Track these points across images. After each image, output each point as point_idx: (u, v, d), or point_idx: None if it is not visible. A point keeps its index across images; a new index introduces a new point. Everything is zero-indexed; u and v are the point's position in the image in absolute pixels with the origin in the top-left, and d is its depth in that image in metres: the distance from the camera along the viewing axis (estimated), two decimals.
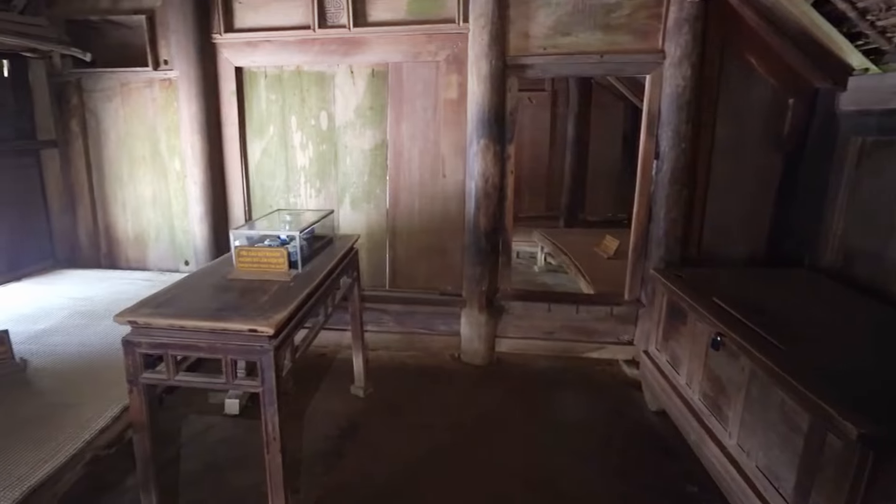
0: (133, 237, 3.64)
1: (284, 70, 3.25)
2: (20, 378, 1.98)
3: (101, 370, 2.01)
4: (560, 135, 6.34)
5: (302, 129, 3.31)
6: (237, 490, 2.07)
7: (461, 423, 2.61)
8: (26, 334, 2.26)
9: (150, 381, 1.66)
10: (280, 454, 1.61)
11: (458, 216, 3.19)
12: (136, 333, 1.63)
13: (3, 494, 1.35)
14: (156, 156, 3.51)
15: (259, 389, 1.60)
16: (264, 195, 3.43)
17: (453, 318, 3.27)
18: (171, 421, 2.42)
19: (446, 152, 3.18)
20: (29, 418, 1.72)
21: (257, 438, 1.62)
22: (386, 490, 2.13)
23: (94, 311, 2.63)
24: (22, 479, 1.41)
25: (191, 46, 3.14)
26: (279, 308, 1.67)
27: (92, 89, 3.51)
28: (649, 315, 2.92)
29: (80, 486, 1.54)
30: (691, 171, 2.89)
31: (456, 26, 2.95)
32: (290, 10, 3.10)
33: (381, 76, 3.16)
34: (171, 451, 2.23)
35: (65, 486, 1.48)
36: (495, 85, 2.93)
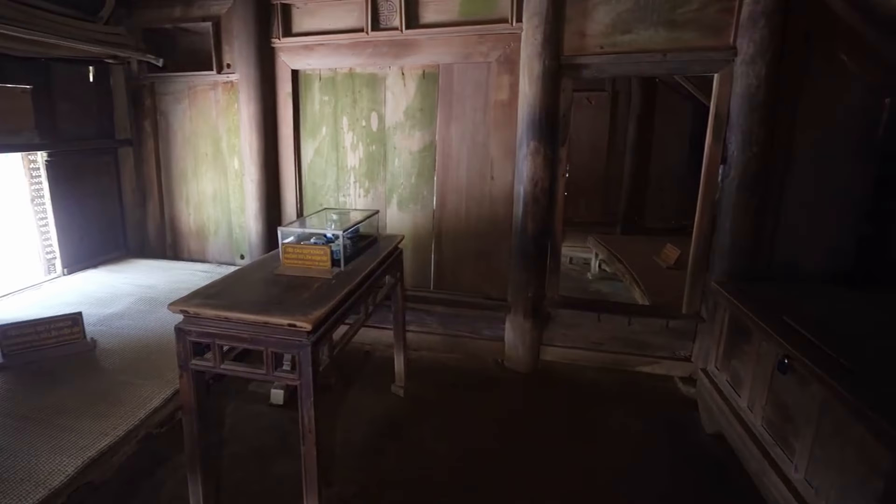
0: (195, 231, 3.94)
1: (338, 72, 3.39)
2: (89, 356, 2.20)
3: (158, 354, 2.19)
4: (620, 137, 6.13)
5: (353, 129, 3.43)
6: (277, 477, 2.17)
7: (501, 431, 2.58)
8: (97, 317, 2.51)
9: (198, 368, 1.78)
10: (315, 446, 1.67)
11: (506, 219, 3.17)
12: (188, 322, 1.76)
13: (68, 462, 1.50)
14: (217, 154, 3.78)
15: (297, 382, 1.67)
16: (315, 194, 3.59)
17: (498, 323, 3.25)
18: (219, 407, 2.59)
19: (495, 154, 3.17)
20: (94, 393, 1.90)
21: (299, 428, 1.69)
22: (420, 492, 2.15)
23: (156, 299, 2.87)
24: (84, 449, 1.57)
25: (251, 50, 3.34)
26: (319, 305, 1.73)
27: (163, 92, 3.84)
28: (709, 331, 2.76)
29: (134, 459, 1.69)
30: (763, 178, 2.70)
31: (508, 26, 2.94)
32: (344, 13, 3.23)
33: (431, 77, 3.21)
34: (217, 435, 2.38)
35: (121, 458, 1.62)
36: (548, 86, 2.89)
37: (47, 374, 2.04)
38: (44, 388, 1.94)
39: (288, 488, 2.06)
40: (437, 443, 2.46)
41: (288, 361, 2.12)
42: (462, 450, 2.42)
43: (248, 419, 2.59)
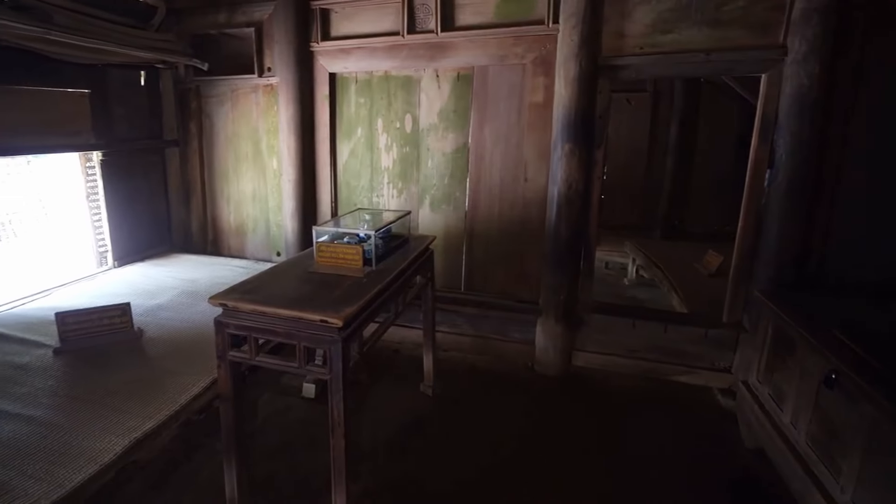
0: (234, 228, 4.13)
1: (374, 75, 3.48)
2: (136, 344, 2.36)
3: (198, 344, 2.33)
4: (661, 138, 5.99)
5: (387, 131, 3.52)
6: (307, 468, 2.26)
7: (529, 435, 2.59)
8: (144, 308, 2.68)
9: (235, 359, 1.88)
10: (343, 439, 1.74)
11: (539, 222, 3.17)
12: (226, 315, 1.86)
13: (117, 441, 1.63)
14: (257, 155, 3.95)
15: (327, 377, 1.75)
16: (350, 194, 3.70)
17: (528, 326, 3.24)
18: (253, 399, 2.71)
19: (529, 156, 3.18)
20: (140, 379, 2.05)
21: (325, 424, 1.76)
22: (445, 490, 2.19)
23: (198, 293, 3.03)
24: (132, 430, 1.69)
25: (291, 54, 3.48)
26: (350, 302, 1.80)
27: (208, 94, 4.05)
28: (751, 342, 2.67)
29: (174, 443, 1.81)
30: (813, 184, 2.59)
31: (545, 28, 2.95)
32: (381, 17, 3.32)
33: (465, 79, 3.26)
34: (251, 424, 2.49)
35: (163, 440, 1.74)
36: (584, 87, 2.87)
37: (98, 360, 2.21)
38: (95, 372, 2.10)
39: (316, 481, 2.14)
40: (464, 444, 2.49)
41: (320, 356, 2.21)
42: (488, 453, 2.43)
43: (280, 412, 2.71)
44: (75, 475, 1.48)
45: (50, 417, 1.77)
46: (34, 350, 2.26)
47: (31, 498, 1.39)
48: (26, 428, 1.71)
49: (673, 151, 5.80)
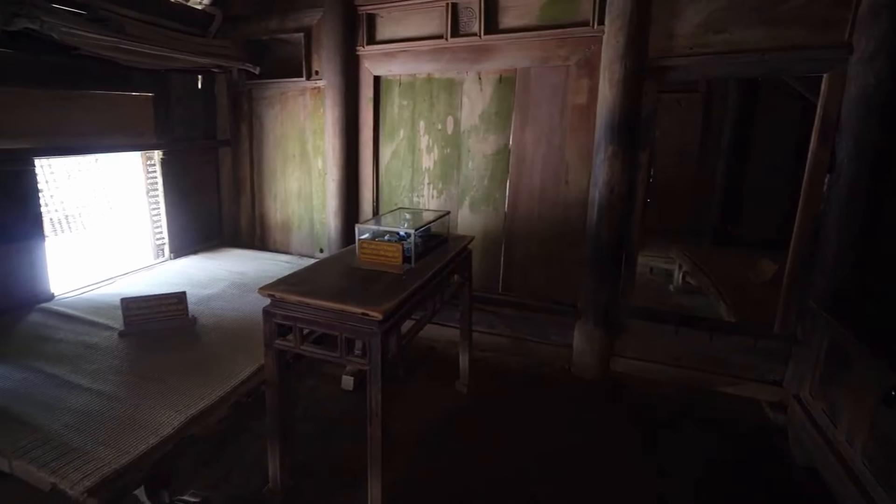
0: (280, 224, 4.35)
1: (417, 77, 3.60)
2: (191, 331, 2.56)
3: (247, 333, 2.50)
4: (714, 140, 5.81)
5: (429, 133, 3.62)
6: (343, 457, 2.38)
7: (563, 438, 2.60)
8: (197, 297, 2.90)
9: (281, 347, 2.01)
10: (380, 428, 1.83)
11: (580, 224, 3.17)
12: (274, 305, 2.00)
13: (175, 416, 1.80)
14: (303, 155, 4.15)
15: (366, 367, 1.84)
16: (391, 194, 3.82)
17: (566, 329, 3.25)
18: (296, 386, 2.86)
19: (571, 159, 3.20)
20: (195, 362, 2.23)
21: (365, 413, 1.86)
22: (477, 488, 2.24)
23: (246, 284, 3.24)
24: (188, 407, 1.86)
25: (338, 58, 3.65)
26: (389, 297, 1.90)
27: (258, 97, 4.29)
28: (805, 354, 2.58)
29: (224, 422, 1.97)
30: (877, 189, 2.47)
31: (589, 29, 2.96)
32: (425, 21, 3.43)
33: (508, 82, 3.31)
34: (294, 411, 2.64)
35: (215, 419, 1.90)
36: (629, 89, 2.87)
37: (157, 343, 2.41)
38: (155, 354, 2.30)
39: (352, 469, 2.24)
40: (497, 443, 2.54)
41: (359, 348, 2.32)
42: (521, 453, 2.47)
43: (319, 401, 2.85)
44: (139, 444, 1.64)
45: (116, 392, 1.97)
46: (102, 332, 2.50)
47: (102, 461, 1.56)
48: (96, 400, 1.91)
49: (726, 154, 5.61)
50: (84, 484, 1.47)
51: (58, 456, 1.59)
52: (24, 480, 1.61)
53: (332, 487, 2.22)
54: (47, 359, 2.22)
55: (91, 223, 6.49)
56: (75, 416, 1.80)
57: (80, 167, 6.45)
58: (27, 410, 1.82)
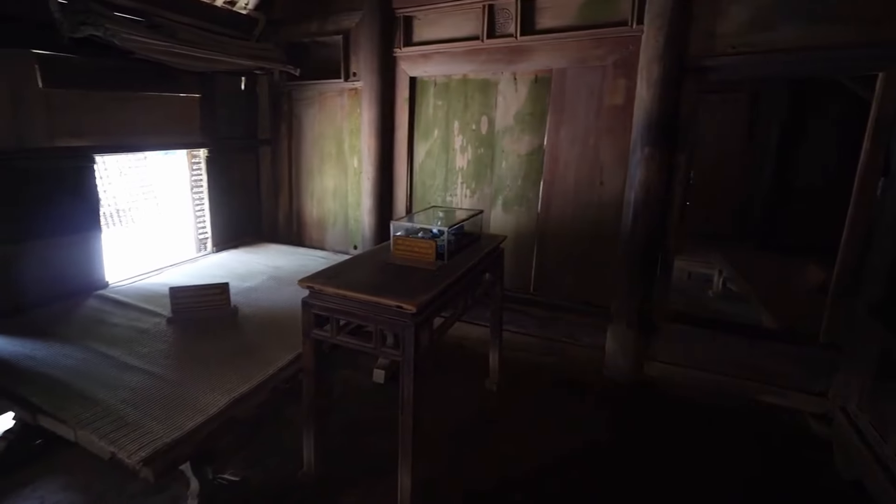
0: (317, 221, 4.52)
1: (452, 78, 3.68)
2: (233, 320, 2.72)
3: (284, 323, 2.64)
4: (758, 141, 5.64)
5: (463, 133, 3.69)
6: (373, 447, 2.49)
7: (592, 440, 2.62)
8: (238, 289, 3.06)
9: (318, 337, 2.12)
10: (412, 418, 1.91)
11: (614, 226, 3.17)
12: (312, 297, 2.11)
13: (220, 398, 1.94)
14: (340, 154, 4.30)
15: (399, 358, 1.93)
16: (424, 193, 3.92)
17: (599, 331, 3.25)
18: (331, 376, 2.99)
19: (606, 159, 3.20)
20: (236, 349, 2.38)
21: (394, 407, 1.95)
22: (503, 484, 2.29)
23: (283, 278, 3.40)
24: (231, 390, 1.99)
25: (375, 60, 3.77)
26: (423, 291, 1.97)
27: (298, 98, 4.47)
28: (852, 365, 2.50)
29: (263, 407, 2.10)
30: None
31: (628, 29, 2.97)
32: (461, 23, 3.51)
33: (543, 82, 3.35)
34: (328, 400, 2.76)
35: (255, 402, 2.03)
36: (668, 89, 2.86)
37: (202, 330, 2.58)
38: (201, 340, 2.46)
39: (381, 458, 2.33)
40: (524, 442, 2.58)
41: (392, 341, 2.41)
42: (548, 455, 2.50)
43: (351, 393, 2.97)
44: (188, 422, 1.78)
45: (166, 374, 2.12)
46: (151, 318, 2.69)
47: (155, 435, 1.70)
48: (148, 380, 2.07)
49: (773, 156, 5.44)
50: (140, 454, 1.61)
51: (116, 428, 1.74)
52: (86, 449, 1.77)
53: (363, 474, 2.32)
54: (104, 341, 2.41)
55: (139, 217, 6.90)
56: (130, 394, 1.96)
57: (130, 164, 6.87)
58: (88, 386, 2.00)
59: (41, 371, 2.12)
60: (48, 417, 1.85)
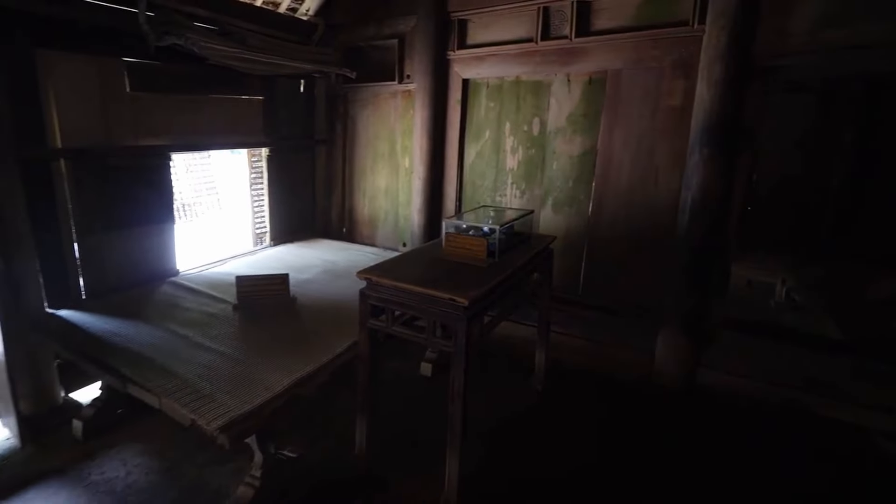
0: (368, 219, 4.72)
1: (504, 80, 3.76)
2: (291, 308, 2.92)
3: (339, 313, 2.82)
4: (829, 144, 5.36)
5: (514, 134, 3.77)
6: (421, 436, 2.61)
7: (637, 446, 2.63)
8: (295, 280, 3.26)
9: (374, 326, 2.27)
10: (461, 406, 2.01)
11: (668, 229, 3.15)
12: (369, 288, 2.26)
13: (284, 377, 2.11)
14: (392, 154, 4.48)
15: (451, 349, 2.03)
16: (474, 193, 4.02)
17: (649, 336, 3.23)
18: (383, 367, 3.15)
19: (661, 161, 3.19)
20: (297, 335, 2.57)
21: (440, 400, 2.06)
22: (543, 481, 2.35)
23: (336, 272, 3.60)
24: (293, 371, 2.16)
25: (429, 62, 3.91)
26: (475, 286, 2.07)
27: (353, 99, 4.69)
28: None
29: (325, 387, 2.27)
30: None
31: (688, 29, 2.95)
32: (515, 25, 3.59)
33: (598, 84, 3.37)
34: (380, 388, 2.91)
35: (315, 384, 2.19)
36: (731, 90, 2.82)
37: (264, 316, 2.79)
38: (265, 326, 2.67)
39: (427, 447, 2.45)
40: (567, 443, 2.63)
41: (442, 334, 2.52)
42: (592, 455, 2.54)
43: (400, 384, 3.12)
44: (256, 397, 1.96)
45: (235, 354, 2.33)
46: (219, 304, 2.93)
47: (227, 408, 1.89)
48: (219, 359, 2.28)
49: (845, 158, 5.17)
50: (217, 423, 1.80)
51: (194, 399, 1.95)
52: (168, 416, 1.99)
53: (411, 459, 2.45)
54: (179, 322, 2.66)
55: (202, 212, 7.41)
56: (205, 370, 2.17)
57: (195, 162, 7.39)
58: (168, 362, 2.23)
59: (127, 347, 2.37)
60: (136, 386, 2.08)
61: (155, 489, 2.28)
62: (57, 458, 2.47)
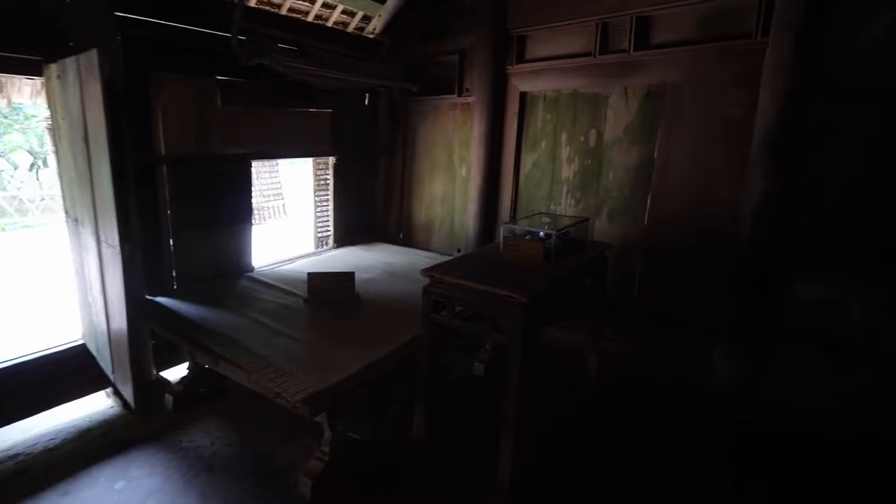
0: (424, 225, 4.97)
1: (562, 93, 3.91)
2: (357, 304, 3.18)
3: (400, 311, 3.04)
4: None
5: (570, 145, 3.90)
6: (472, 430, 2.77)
7: (687, 460, 2.65)
8: (358, 279, 3.52)
9: (435, 321, 2.46)
10: (516, 398, 2.15)
11: (726, 241, 3.16)
12: (432, 285, 2.46)
13: (355, 362, 2.33)
14: (449, 163, 4.72)
15: (507, 343, 2.19)
16: (529, 202, 4.17)
17: (704, 348, 3.23)
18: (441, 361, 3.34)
19: (720, 173, 3.22)
20: (362, 328, 2.82)
21: (493, 396, 2.21)
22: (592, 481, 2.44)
23: (396, 273, 3.85)
24: (365, 357, 2.39)
25: (488, 76, 4.13)
26: (532, 286, 2.22)
27: (413, 111, 4.97)
28: None
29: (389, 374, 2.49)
30: None
31: (751, 42, 2.98)
32: (573, 40, 3.73)
33: (655, 96, 3.45)
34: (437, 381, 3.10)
35: (383, 369, 2.41)
36: (794, 101, 2.82)
37: (332, 310, 3.06)
38: (333, 318, 2.95)
39: (481, 440, 2.60)
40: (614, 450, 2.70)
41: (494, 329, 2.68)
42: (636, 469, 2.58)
43: (455, 381, 3.32)
44: (332, 377, 2.19)
45: (310, 340, 2.60)
46: (291, 297, 3.24)
47: (307, 384, 2.14)
48: (297, 344, 2.55)
49: None
50: (299, 395, 2.04)
51: (278, 375, 2.21)
52: (255, 390, 2.26)
53: (466, 449, 2.61)
54: (258, 312, 2.98)
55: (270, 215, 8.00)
56: (284, 352, 2.44)
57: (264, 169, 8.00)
58: (251, 344, 2.52)
59: (216, 330, 2.69)
60: (227, 363, 2.38)
61: (235, 458, 2.57)
62: (153, 425, 2.82)
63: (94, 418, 2.90)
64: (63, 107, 2.69)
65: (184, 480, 2.41)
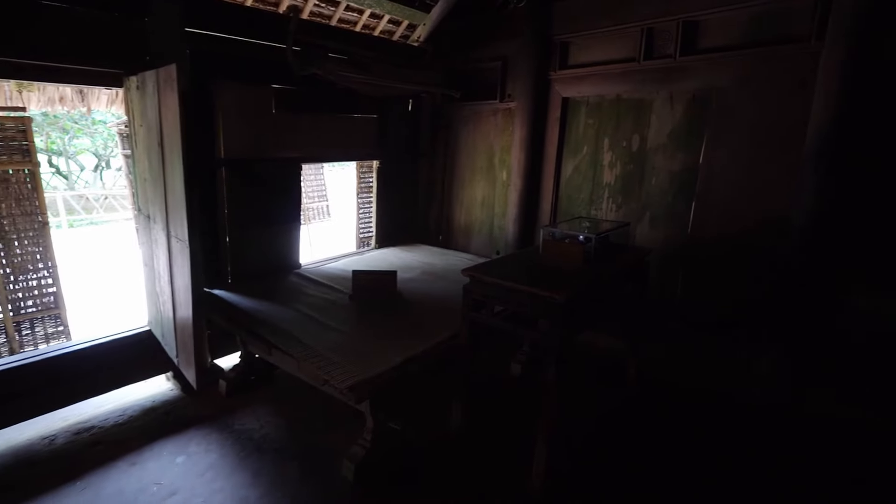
0: (463, 228, 5.09)
1: (604, 98, 3.95)
2: (398, 302, 3.33)
3: (439, 309, 3.15)
4: None
5: (612, 150, 3.92)
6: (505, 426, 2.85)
7: (727, 468, 2.63)
8: (399, 279, 3.67)
9: (475, 318, 2.57)
10: (552, 397, 2.23)
11: (771, 248, 3.12)
12: (472, 285, 2.57)
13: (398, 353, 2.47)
14: (490, 168, 4.82)
15: (545, 342, 2.26)
16: (569, 206, 4.22)
17: (749, 355, 3.19)
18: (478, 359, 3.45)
19: (768, 179, 3.17)
20: (406, 324, 2.95)
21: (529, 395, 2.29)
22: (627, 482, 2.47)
23: (435, 273, 3.98)
24: (406, 349, 2.52)
25: (530, 82, 4.21)
26: (570, 286, 2.29)
27: (455, 117, 5.11)
28: None
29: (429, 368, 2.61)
30: None
31: (804, 46, 2.94)
32: (617, 46, 3.77)
33: (701, 101, 3.44)
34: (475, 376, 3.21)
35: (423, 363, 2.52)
36: (851, 106, 2.77)
37: (376, 307, 3.22)
38: (376, 314, 3.10)
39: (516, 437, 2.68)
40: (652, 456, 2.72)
41: None
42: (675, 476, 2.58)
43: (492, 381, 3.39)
44: (377, 367, 2.34)
45: (354, 333, 2.76)
46: (337, 294, 3.43)
47: (353, 373, 2.29)
48: (343, 337, 2.71)
49: None
50: (346, 382, 2.19)
51: (325, 364, 2.37)
52: (304, 378, 2.43)
53: (501, 444, 2.70)
54: (306, 306, 3.17)
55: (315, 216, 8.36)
56: (331, 344, 2.60)
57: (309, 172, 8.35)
58: (301, 335, 2.70)
59: (267, 321, 2.90)
60: (279, 351, 2.57)
61: (283, 441, 2.76)
62: (209, 408, 3.06)
63: (157, 398, 3.17)
64: (141, 114, 2.97)
65: (237, 458, 2.61)
